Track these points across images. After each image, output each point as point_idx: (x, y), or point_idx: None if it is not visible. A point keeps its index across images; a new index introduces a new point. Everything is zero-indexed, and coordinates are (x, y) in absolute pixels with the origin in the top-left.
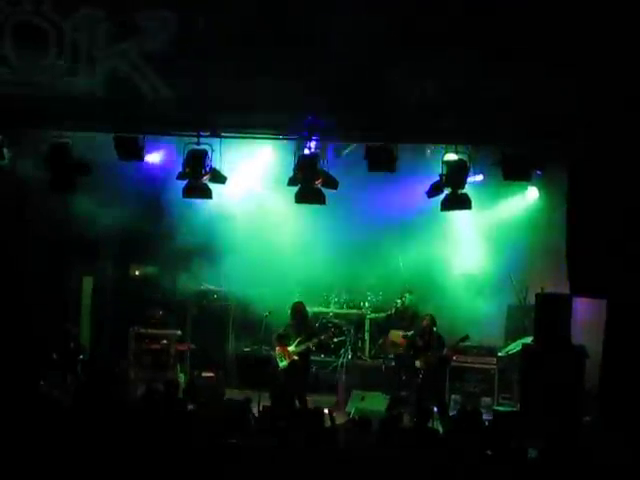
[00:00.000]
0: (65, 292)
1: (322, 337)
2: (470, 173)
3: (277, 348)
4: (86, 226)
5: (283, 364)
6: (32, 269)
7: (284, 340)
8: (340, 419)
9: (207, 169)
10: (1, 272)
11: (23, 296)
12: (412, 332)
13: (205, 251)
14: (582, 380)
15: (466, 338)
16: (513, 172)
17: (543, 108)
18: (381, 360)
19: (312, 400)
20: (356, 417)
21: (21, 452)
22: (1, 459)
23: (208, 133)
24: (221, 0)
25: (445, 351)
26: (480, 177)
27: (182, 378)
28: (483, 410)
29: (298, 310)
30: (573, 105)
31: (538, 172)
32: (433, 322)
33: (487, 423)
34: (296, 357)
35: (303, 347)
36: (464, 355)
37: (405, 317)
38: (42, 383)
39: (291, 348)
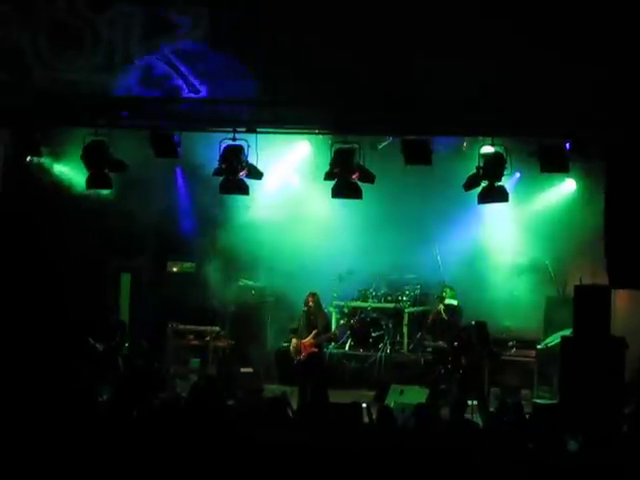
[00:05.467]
0: (103, 288)
1: (336, 331)
2: (509, 173)
3: (293, 341)
4: (123, 223)
5: (300, 357)
6: (70, 266)
7: (299, 333)
8: None
9: (243, 165)
10: (40, 270)
11: (62, 293)
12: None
13: (242, 247)
14: (622, 372)
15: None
16: (550, 164)
17: (580, 99)
18: (420, 353)
19: (350, 395)
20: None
21: (60, 442)
22: (33, 450)
23: (244, 129)
24: None
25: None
26: (517, 175)
27: (221, 374)
28: (523, 403)
29: (313, 302)
30: (611, 95)
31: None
32: (482, 326)
33: (527, 416)
34: (315, 349)
35: (320, 339)
36: (503, 348)
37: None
38: (81, 375)
39: (308, 340)
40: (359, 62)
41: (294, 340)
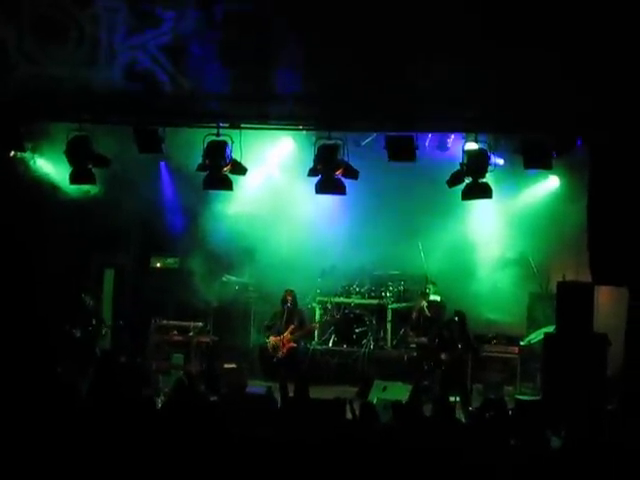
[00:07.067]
0: (86, 284)
1: (314, 324)
2: (491, 158)
3: (271, 339)
4: (107, 219)
5: (280, 354)
6: (53, 262)
7: (275, 330)
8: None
9: (227, 160)
10: (23, 266)
11: (44, 289)
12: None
13: (226, 243)
14: (604, 368)
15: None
16: (534, 161)
17: (564, 96)
18: (403, 350)
19: (333, 391)
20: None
21: (40, 442)
22: (15, 448)
23: (227, 124)
24: None
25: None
26: (501, 161)
27: (204, 370)
28: (506, 399)
29: (290, 298)
30: (595, 93)
31: (553, 154)
32: (463, 319)
33: (510, 412)
34: (294, 344)
35: (298, 334)
36: (486, 344)
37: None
38: (59, 370)
39: (286, 335)
40: (347, 59)
41: (272, 338)
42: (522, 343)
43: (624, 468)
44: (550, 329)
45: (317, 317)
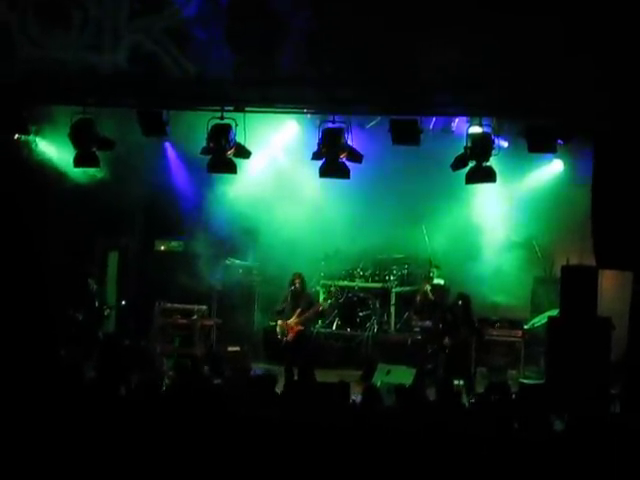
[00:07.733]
0: (91, 267)
1: (321, 307)
2: (495, 141)
3: (279, 323)
4: (111, 202)
5: (288, 338)
6: (57, 245)
7: (283, 314)
8: None
9: (231, 144)
10: (26, 249)
11: (48, 272)
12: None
13: (230, 226)
14: (608, 352)
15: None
16: (538, 144)
17: (568, 80)
18: (407, 333)
19: (337, 374)
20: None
21: (44, 425)
22: (18, 434)
23: (232, 108)
24: None
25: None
26: (505, 143)
27: (208, 353)
28: (510, 383)
29: (298, 281)
30: (599, 77)
31: (560, 142)
32: (467, 302)
33: (513, 396)
34: (301, 327)
35: (305, 316)
36: (490, 328)
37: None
38: (63, 353)
39: (293, 319)
40: (351, 42)
41: (280, 322)
42: (526, 327)
43: (627, 452)
44: (554, 313)
45: (321, 301)
